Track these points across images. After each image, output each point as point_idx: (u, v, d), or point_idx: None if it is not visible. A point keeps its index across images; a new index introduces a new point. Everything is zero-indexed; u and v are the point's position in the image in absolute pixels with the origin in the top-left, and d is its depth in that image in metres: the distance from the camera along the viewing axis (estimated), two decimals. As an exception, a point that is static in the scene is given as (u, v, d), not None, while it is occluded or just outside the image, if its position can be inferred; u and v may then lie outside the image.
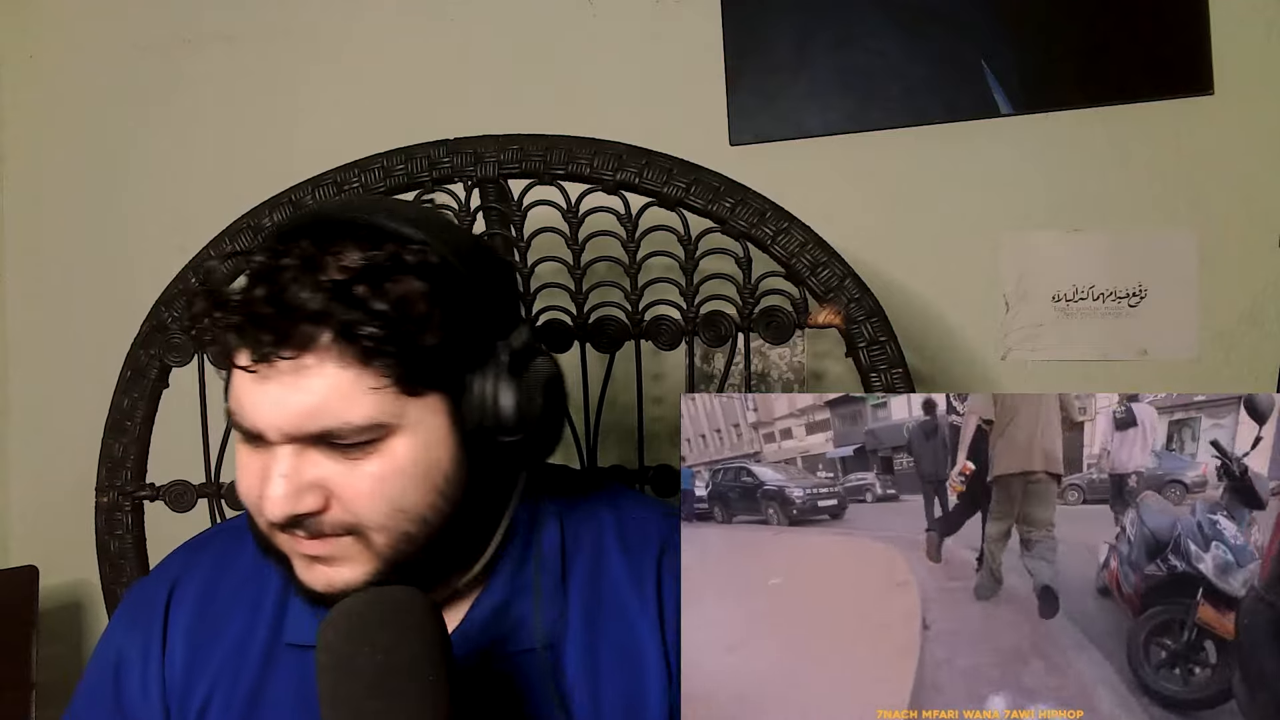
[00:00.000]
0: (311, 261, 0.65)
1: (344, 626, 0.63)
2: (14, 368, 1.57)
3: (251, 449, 0.69)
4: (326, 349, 0.65)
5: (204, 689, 0.77)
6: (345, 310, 0.64)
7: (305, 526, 0.67)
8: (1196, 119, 1.27)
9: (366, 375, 0.65)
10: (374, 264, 0.65)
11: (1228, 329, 1.28)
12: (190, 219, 1.21)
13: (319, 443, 0.66)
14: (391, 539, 0.68)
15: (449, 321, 0.67)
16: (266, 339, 0.64)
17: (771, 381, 1.37)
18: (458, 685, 0.64)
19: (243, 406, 0.67)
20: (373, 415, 0.66)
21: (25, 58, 1.56)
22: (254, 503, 0.69)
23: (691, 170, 1.05)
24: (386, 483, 0.67)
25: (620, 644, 0.76)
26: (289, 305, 0.64)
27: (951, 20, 1.31)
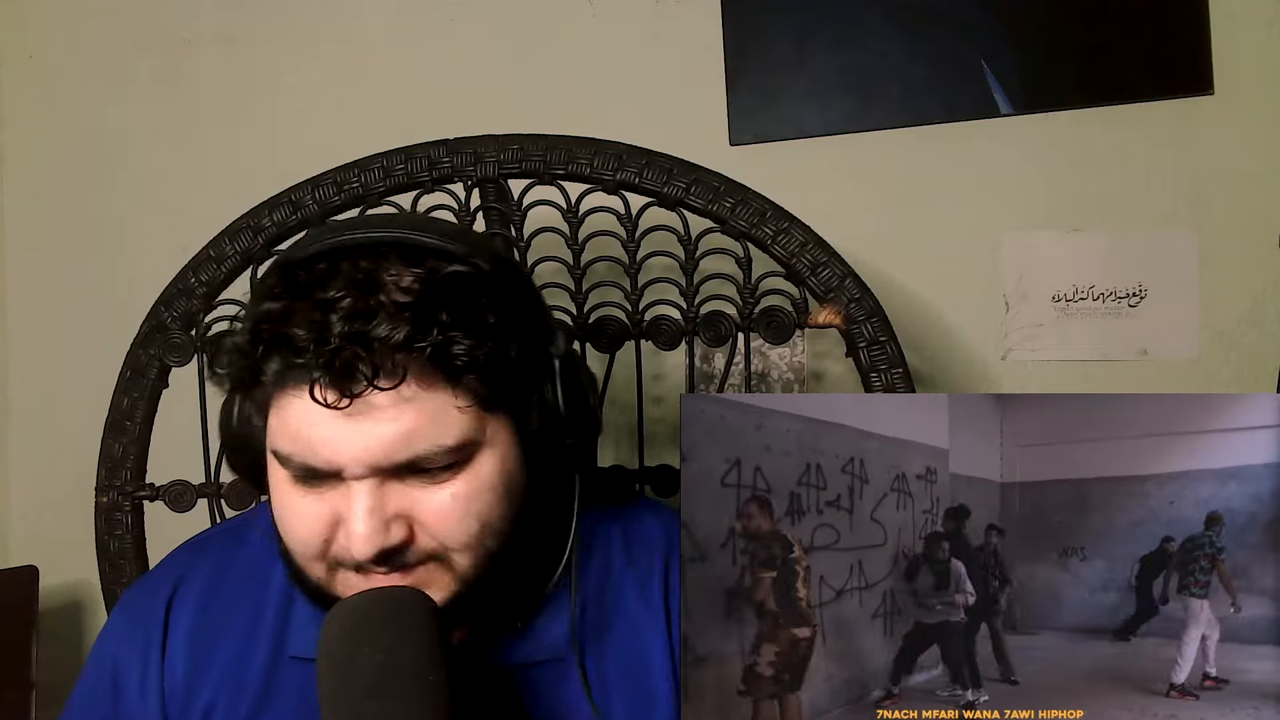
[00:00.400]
0: (369, 284, 0.63)
1: (344, 626, 0.63)
2: (14, 368, 1.57)
3: (309, 491, 0.66)
4: (418, 376, 0.63)
5: (207, 696, 0.76)
6: (432, 333, 0.62)
7: (391, 561, 0.65)
8: (1196, 119, 1.27)
9: (454, 396, 0.64)
10: (437, 281, 0.64)
11: (1228, 329, 1.28)
12: (190, 219, 1.21)
13: (402, 472, 0.65)
14: (475, 558, 0.67)
15: (515, 332, 0.67)
16: (363, 373, 0.61)
17: (772, 382, 1.37)
18: (458, 685, 0.63)
19: (311, 445, 0.64)
20: (463, 436, 0.65)
21: (25, 58, 1.56)
22: (313, 549, 0.67)
23: (691, 170, 1.05)
24: (474, 502, 0.66)
25: (627, 650, 0.76)
26: (373, 336, 0.61)
27: (951, 20, 1.31)
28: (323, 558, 0.67)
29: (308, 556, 0.68)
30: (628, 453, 1.13)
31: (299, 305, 0.63)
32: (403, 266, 0.64)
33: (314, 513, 0.66)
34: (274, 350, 0.63)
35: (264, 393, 0.65)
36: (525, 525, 0.70)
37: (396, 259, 0.65)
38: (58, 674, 1.39)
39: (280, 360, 0.62)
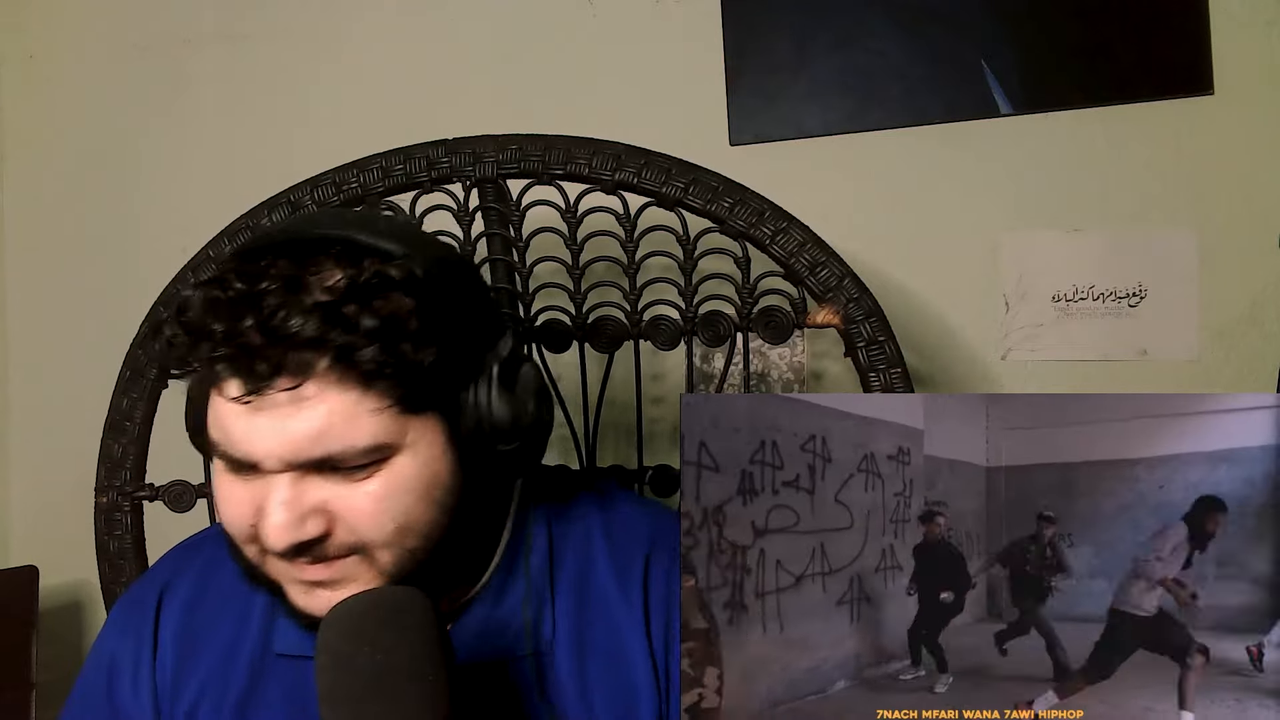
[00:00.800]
0: (294, 283, 0.63)
1: (344, 626, 0.63)
2: (14, 368, 1.57)
3: (238, 478, 0.67)
4: (325, 374, 0.63)
5: (192, 694, 0.77)
6: (341, 334, 0.62)
7: (310, 553, 0.66)
8: (1196, 119, 1.27)
9: (367, 398, 0.64)
10: (360, 282, 0.64)
11: (1228, 329, 1.27)
12: (190, 219, 1.21)
13: (319, 468, 0.65)
14: (396, 556, 0.68)
15: (441, 336, 0.66)
16: (262, 370, 0.62)
17: (771, 381, 1.36)
18: (457, 685, 0.64)
19: (231, 437, 0.65)
20: (376, 437, 0.65)
21: (25, 58, 1.56)
22: (243, 533, 0.68)
23: (690, 170, 1.05)
24: (390, 501, 0.66)
25: (608, 646, 0.76)
26: (281, 333, 0.62)
27: (951, 20, 1.31)
28: (253, 540, 0.68)
29: (240, 539, 0.69)
30: (627, 453, 1.13)
31: (225, 298, 0.63)
32: (335, 266, 0.65)
33: (242, 498, 0.67)
34: (197, 341, 0.64)
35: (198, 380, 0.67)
36: (458, 528, 0.70)
37: (332, 258, 0.65)
38: (58, 674, 1.39)
39: (199, 352, 0.64)
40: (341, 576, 0.68)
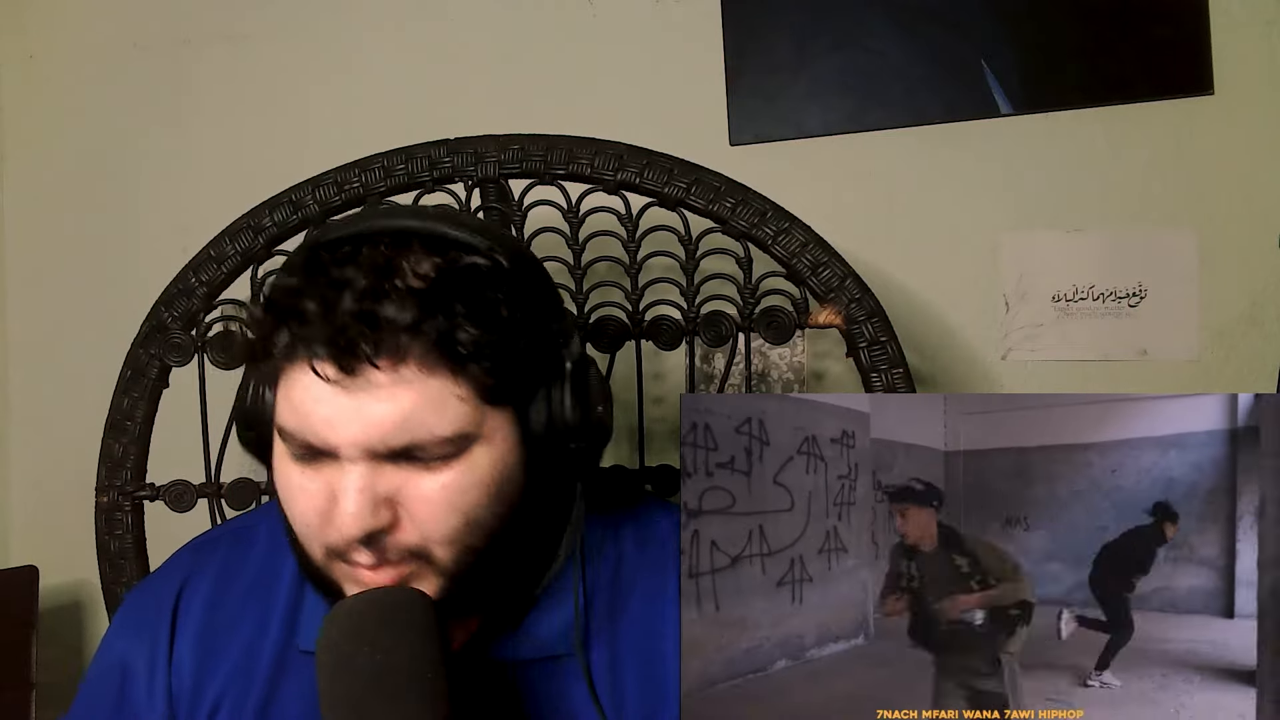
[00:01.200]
0: (387, 268, 0.63)
1: (344, 626, 0.63)
2: (14, 368, 1.57)
3: (308, 468, 0.66)
4: (420, 359, 0.63)
5: (213, 695, 0.76)
6: (438, 320, 0.62)
7: (375, 548, 0.65)
8: (1196, 119, 1.27)
9: (457, 385, 0.64)
10: (454, 271, 0.64)
11: (1228, 329, 1.28)
12: (190, 219, 1.21)
13: (397, 458, 0.64)
14: (457, 553, 0.67)
15: (526, 329, 0.66)
16: (363, 350, 0.61)
17: (772, 382, 1.37)
18: (457, 685, 0.64)
19: (310, 421, 0.64)
20: (460, 426, 0.65)
21: (25, 58, 1.56)
22: (315, 526, 0.67)
23: (692, 170, 1.05)
24: (463, 495, 0.66)
25: (642, 650, 0.76)
26: (379, 316, 0.62)
27: (951, 20, 1.31)
28: (320, 537, 0.67)
29: (308, 536, 0.68)
30: (628, 453, 1.13)
31: (315, 281, 0.63)
32: (423, 255, 0.65)
33: (312, 488, 0.66)
34: (284, 322, 0.63)
35: (273, 366, 0.66)
36: (519, 526, 0.70)
37: (419, 248, 0.65)
38: (58, 674, 1.39)
39: (288, 332, 0.63)
40: (404, 580, 0.67)
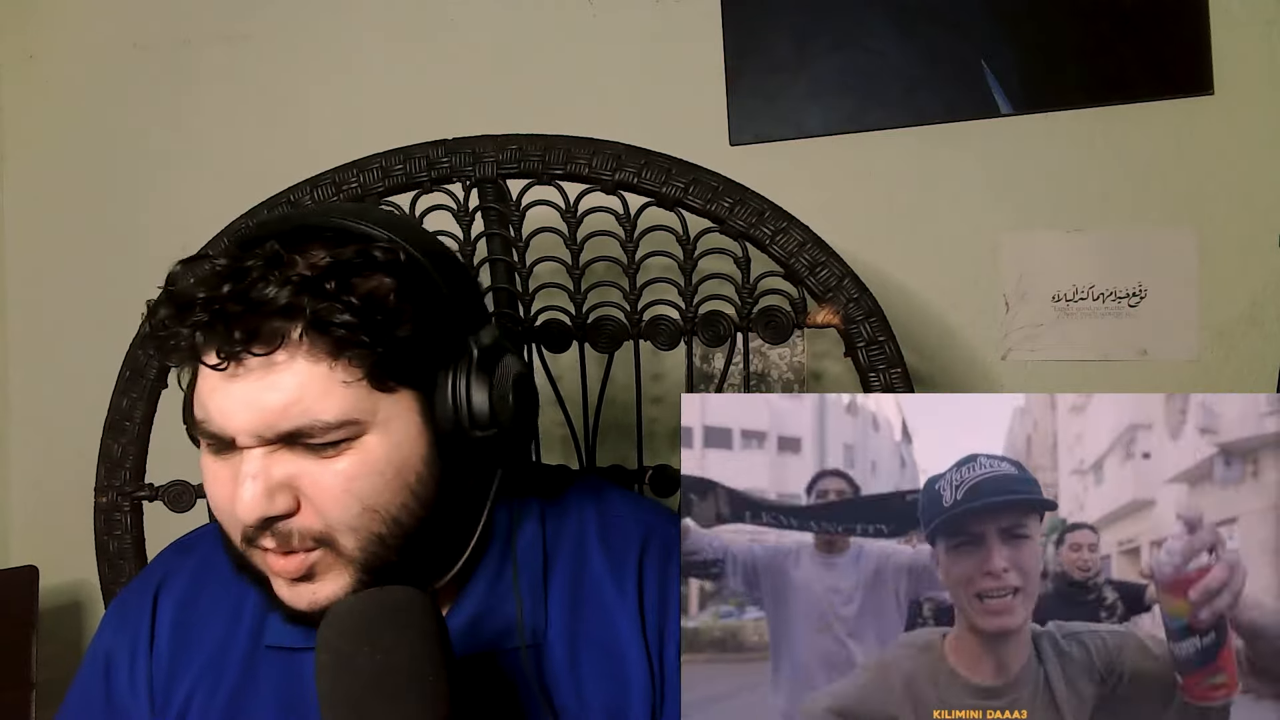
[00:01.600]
0: (278, 259, 0.65)
1: (344, 626, 0.63)
2: (14, 368, 1.57)
3: (218, 458, 0.68)
4: (297, 344, 0.65)
5: (185, 688, 0.78)
6: (315, 302, 0.64)
7: (276, 533, 0.67)
8: (1197, 119, 1.27)
9: (339, 369, 0.65)
10: (341, 261, 0.66)
11: (1228, 329, 1.28)
12: (190, 219, 1.21)
13: (290, 442, 0.66)
14: (362, 541, 0.68)
15: (419, 317, 0.68)
16: (237, 335, 0.63)
17: (771, 382, 1.37)
18: (457, 685, 0.64)
19: (209, 412, 0.66)
20: (346, 411, 0.66)
21: (25, 58, 1.56)
22: (227, 511, 0.69)
23: (690, 170, 1.05)
24: (358, 481, 0.67)
25: (602, 640, 0.76)
26: (257, 300, 0.64)
27: (951, 20, 1.31)
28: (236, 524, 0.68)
29: (226, 523, 0.70)
30: (627, 453, 1.13)
31: (210, 274, 0.65)
32: (321, 248, 0.67)
33: (224, 477, 0.68)
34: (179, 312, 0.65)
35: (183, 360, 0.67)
36: (435, 516, 0.70)
37: (322, 243, 0.67)
38: (57, 674, 1.39)
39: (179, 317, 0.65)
40: (315, 570, 0.68)
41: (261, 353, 0.64)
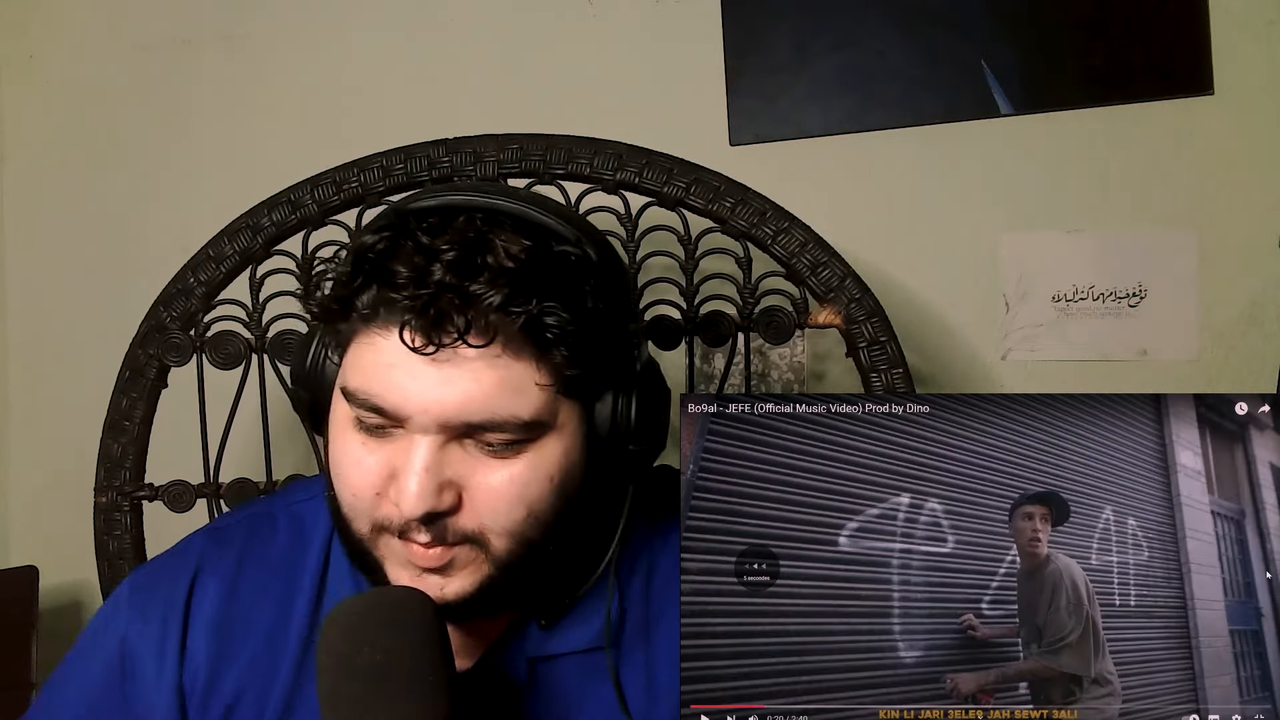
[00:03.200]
0: (480, 244, 0.62)
1: (344, 626, 0.63)
2: (14, 368, 1.57)
3: (370, 439, 0.65)
4: (509, 340, 0.62)
5: (231, 688, 0.74)
6: (529, 302, 0.61)
7: (434, 528, 0.64)
8: (1197, 119, 1.27)
9: (539, 370, 0.63)
10: (545, 256, 0.63)
11: (1228, 329, 1.28)
12: (190, 219, 1.21)
13: (467, 436, 0.64)
14: (513, 544, 0.66)
15: (609, 322, 0.66)
16: (457, 323, 0.60)
17: (772, 382, 1.36)
18: (457, 685, 0.64)
19: (386, 387, 0.62)
20: (538, 412, 0.64)
21: (25, 58, 1.56)
22: (365, 500, 0.65)
23: (691, 170, 1.05)
24: (531, 487, 0.65)
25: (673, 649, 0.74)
26: (473, 292, 0.61)
27: (951, 20, 1.31)
28: (371, 513, 0.66)
29: (358, 509, 0.66)
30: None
31: (405, 245, 0.62)
32: (513, 236, 0.63)
33: (371, 462, 0.65)
34: (372, 282, 0.62)
35: (350, 326, 0.65)
36: (571, 522, 0.69)
37: (509, 228, 0.64)
38: (57, 674, 1.38)
39: (376, 294, 0.62)
40: (453, 563, 0.66)
41: (478, 344, 0.61)
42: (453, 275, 0.61)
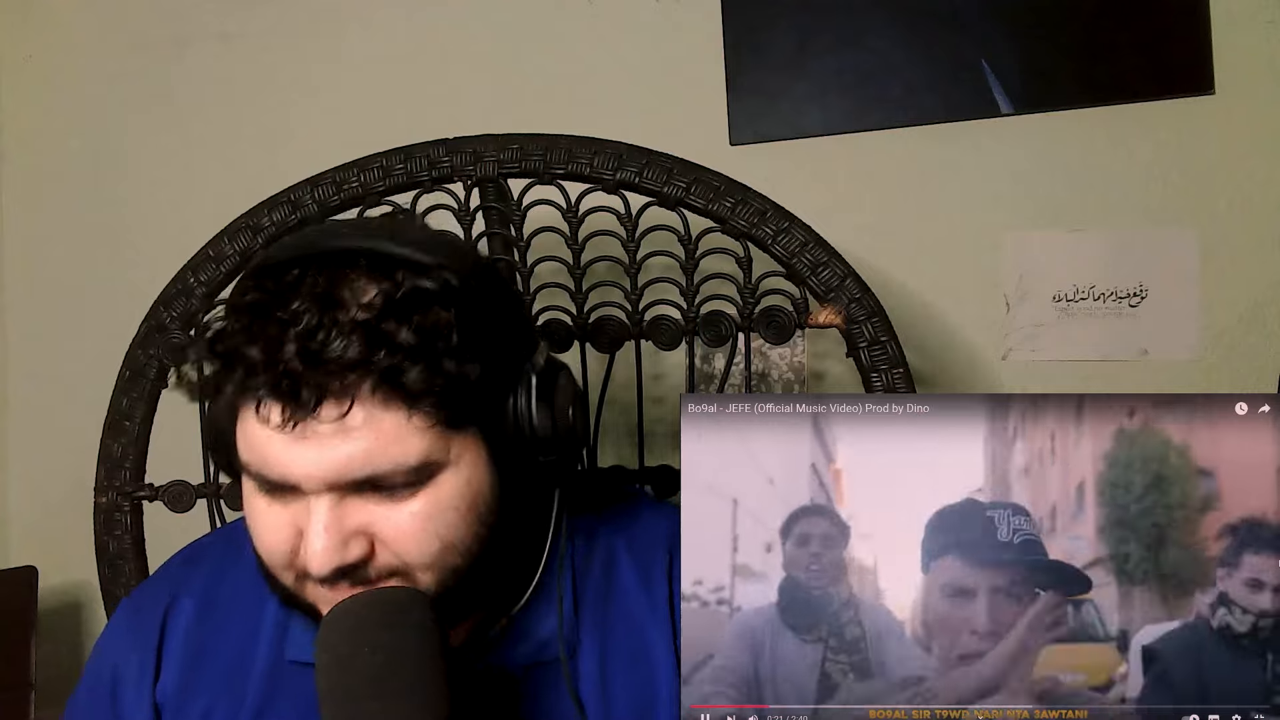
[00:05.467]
0: (329, 300, 0.61)
1: (344, 626, 0.63)
2: (14, 368, 1.57)
3: (274, 500, 0.65)
4: (369, 398, 0.61)
5: (202, 704, 0.76)
6: (384, 355, 0.60)
7: (352, 576, 0.64)
8: (1197, 119, 1.27)
9: (414, 417, 0.62)
10: (398, 297, 0.62)
11: (1228, 329, 1.28)
12: (189, 219, 1.21)
13: (361, 488, 0.63)
14: (439, 575, 0.66)
15: (482, 349, 0.64)
16: (306, 398, 0.60)
17: (772, 382, 1.36)
18: (457, 686, 0.63)
19: (268, 461, 0.63)
20: (424, 455, 0.63)
21: (24, 58, 1.56)
22: (281, 558, 0.66)
23: (692, 170, 1.05)
24: (434, 520, 0.65)
25: (631, 649, 0.75)
26: (324, 357, 0.60)
27: (951, 20, 1.31)
28: (290, 566, 0.66)
29: (276, 566, 0.67)
30: (628, 453, 1.13)
31: (258, 322, 0.62)
32: (368, 280, 0.63)
33: (278, 523, 0.65)
34: (229, 368, 0.62)
35: (228, 404, 0.65)
36: (500, 540, 0.69)
37: (364, 270, 0.63)
38: (57, 674, 1.39)
39: (235, 378, 0.62)
40: None
41: (334, 416, 0.61)
42: (304, 344, 0.60)
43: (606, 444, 1.11)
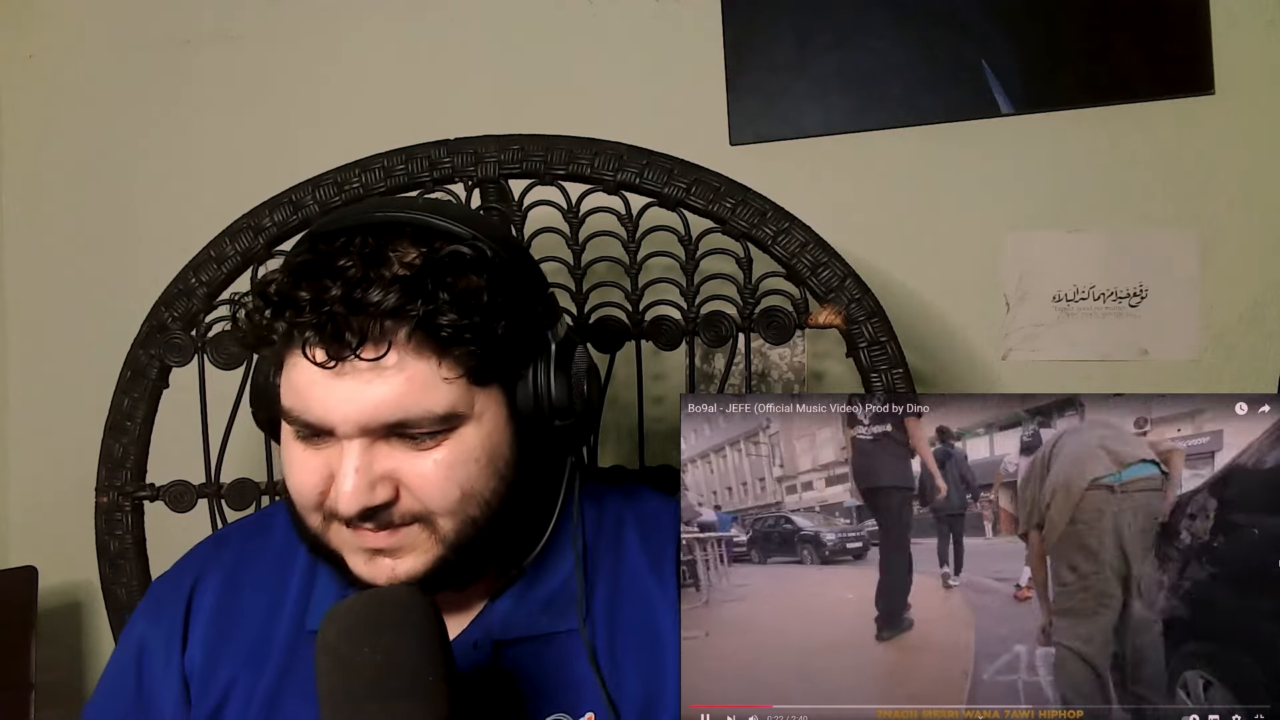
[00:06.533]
0: (375, 257, 0.67)
1: (344, 626, 0.63)
2: (14, 368, 1.57)
3: (308, 446, 0.71)
4: (405, 343, 0.67)
5: (225, 676, 0.79)
6: (421, 304, 0.66)
7: (376, 519, 0.69)
8: (1197, 119, 1.27)
9: (443, 366, 0.68)
10: (437, 259, 0.68)
11: (1228, 329, 1.28)
12: (190, 219, 1.21)
13: (390, 434, 0.69)
14: (458, 524, 0.71)
15: (509, 312, 0.70)
16: (348, 338, 0.65)
17: (772, 382, 1.36)
18: (457, 685, 0.64)
19: (309, 403, 0.68)
20: (450, 405, 0.69)
21: (25, 58, 1.56)
22: (311, 500, 0.71)
23: (692, 170, 1.05)
24: (456, 469, 0.70)
25: (640, 628, 0.78)
26: (366, 303, 0.65)
27: (951, 20, 1.31)
28: (319, 508, 0.72)
29: (306, 506, 0.72)
30: (628, 453, 1.13)
31: (309, 271, 0.67)
32: (411, 245, 0.69)
33: (312, 466, 0.71)
34: (279, 312, 0.68)
35: (275, 352, 0.71)
36: (515, 499, 0.74)
37: (408, 239, 0.69)
38: (57, 674, 1.39)
39: (284, 321, 0.67)
40: (403, 544, 0.71)
41: (372, 356, 0.66)
42: (348, 291, 0.66)
43: (607, 444, 1.12)
